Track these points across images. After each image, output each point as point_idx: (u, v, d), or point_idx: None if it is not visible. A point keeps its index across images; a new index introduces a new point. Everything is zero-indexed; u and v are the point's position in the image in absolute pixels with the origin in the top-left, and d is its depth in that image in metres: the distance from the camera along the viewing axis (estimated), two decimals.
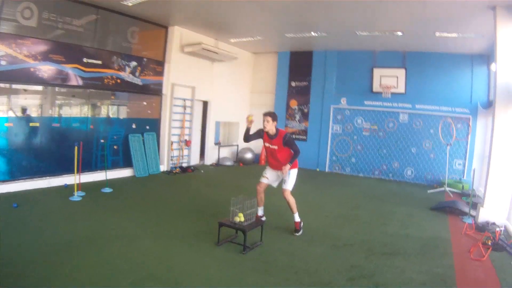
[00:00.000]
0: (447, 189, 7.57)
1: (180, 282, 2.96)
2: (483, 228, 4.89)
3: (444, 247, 4.24)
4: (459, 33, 6.87)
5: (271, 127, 4.28)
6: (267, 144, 4.43)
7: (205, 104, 9.63)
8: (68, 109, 7.03)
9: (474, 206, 5.85)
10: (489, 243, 4.23)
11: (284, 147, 4.28)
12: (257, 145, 10.74)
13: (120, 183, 6.75)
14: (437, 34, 7.06)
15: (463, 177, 8.37)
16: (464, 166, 8.42)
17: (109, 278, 2.92)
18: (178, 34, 8.30)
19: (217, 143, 9.96)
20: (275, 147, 4.33)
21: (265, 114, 4.28)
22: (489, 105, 7.75)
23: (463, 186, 7.75)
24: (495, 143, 5.18)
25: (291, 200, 4.35)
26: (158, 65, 8.15)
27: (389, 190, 7.80)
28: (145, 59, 7.82)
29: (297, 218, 4.41)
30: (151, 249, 3.62)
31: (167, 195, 6.22)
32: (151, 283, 2.89)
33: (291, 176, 4.36)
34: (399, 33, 7.36)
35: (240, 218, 3.78)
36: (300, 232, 4.40)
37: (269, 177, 4.51)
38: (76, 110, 7.07)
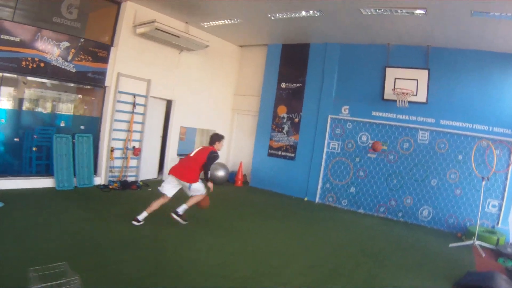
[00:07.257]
0: (477, 243, 5.21)
1: None
2: None
3: None
4: (502, 12, 4.53)
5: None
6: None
7: (168, 104, 7.80)
8: None
9: None
10: None
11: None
12: (235, 160, 8.95)
13: (22, 197, 5.05)
14: (473, 12, 4.78)
15: (497, 224, 5.98)
16: (500, 209, 6.02)
17: None
18: (132, 11, 6.50)
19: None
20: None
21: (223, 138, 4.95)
22: None
23: (498, 240, 5.40)
24: None
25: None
26: (101, 49, 6.39)
27: (395, 239, 5.46)
28: (82, 40, 6.09)
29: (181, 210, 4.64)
30: None
31: (61, 226, 4.15)
32: None
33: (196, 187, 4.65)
34: (421, 12, 5.20)
35: None
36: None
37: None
38: None
